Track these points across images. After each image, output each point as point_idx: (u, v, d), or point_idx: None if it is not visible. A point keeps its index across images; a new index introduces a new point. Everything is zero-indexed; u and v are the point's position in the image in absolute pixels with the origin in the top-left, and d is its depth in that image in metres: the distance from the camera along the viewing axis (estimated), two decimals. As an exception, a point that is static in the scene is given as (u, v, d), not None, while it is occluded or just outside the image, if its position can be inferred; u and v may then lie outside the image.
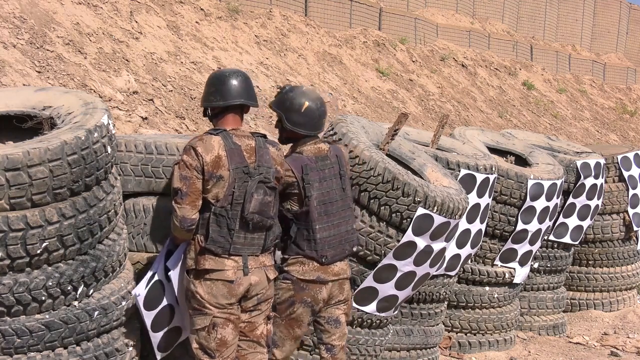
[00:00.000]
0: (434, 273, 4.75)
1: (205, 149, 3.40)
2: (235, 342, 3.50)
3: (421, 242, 4.29)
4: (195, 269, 3.45)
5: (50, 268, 3.25)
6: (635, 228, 7.41)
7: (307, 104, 3.81)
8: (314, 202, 3.71)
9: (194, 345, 3.47)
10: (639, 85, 22.63)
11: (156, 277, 3.58)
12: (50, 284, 3.23)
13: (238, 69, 3.75)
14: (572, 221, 6.58)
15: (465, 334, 5.89)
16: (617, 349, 6.52)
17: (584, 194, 6.56)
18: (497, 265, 5.87)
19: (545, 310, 6.76)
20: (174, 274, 3.58)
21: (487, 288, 5.86)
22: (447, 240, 4.49)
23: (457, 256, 5.13)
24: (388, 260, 4.28)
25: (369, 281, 4.34)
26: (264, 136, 3.64)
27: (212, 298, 3.41)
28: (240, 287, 3.44)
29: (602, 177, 6.71)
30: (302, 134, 3.82)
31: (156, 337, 3.66)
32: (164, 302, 3.62)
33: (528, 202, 5.68)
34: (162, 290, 3.60)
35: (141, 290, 3.54)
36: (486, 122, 13.54)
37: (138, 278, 3.77)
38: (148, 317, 3.59)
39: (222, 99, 3.53)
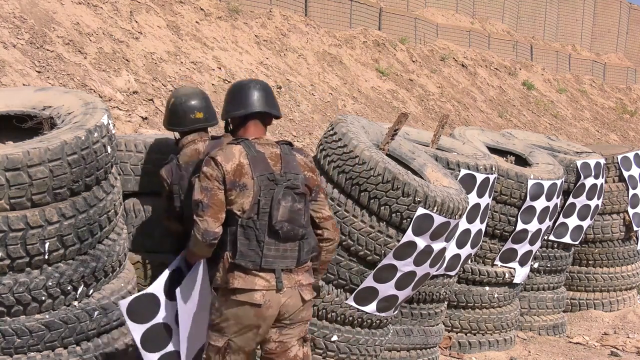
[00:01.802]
0: (434, 273, 4.75)
1: (226, 158, 3.21)
2: None
3: (421, 242, 4.29)
4: (225, 288, 3.25)
5: (50, 268, 3.25)
6: (635, 228, 7.40)
7: (172, 100, 3.93)
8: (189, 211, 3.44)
9: (204, 356, 3.32)
10: (639, 85, 22.62)
11: (150, 290, 3.39)
12: (50, 284, 3.23)
13: (258, 79, 3.67)
14: (572, 221, 6.58)
15: (465, 334, 5.89)
16: (617, 349, 6.52)
17: (584, 194, 6.56)
18: (497, 265, 5.87)
19: (545, 310, 6.75)
20: (180, 293, 3.34)
21: (487, 288, 5.86)
22: (447, 240, 4.48)
23: (457, 256, 5.13)
24: (388, 260, 4.28)
25: (369, 281, 4.34)
26: (290, 144, 3.43)
27: (235, 318, 3.21)
28: (269, 309, 3.20)
29: (602, 177, 6.71)
30: (170, 130, 3.92)
31: (150, 358, 3.43)
32: (158, 320, 3.42)
33: (528, 202, 5.68)
34: (156, 305, 3.41)
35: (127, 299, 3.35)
36: (486, 122, 13.53)
37: (138, 279, 3.77)
38: (135, 330, 3.36)
39: (242, 108, 3.36)
